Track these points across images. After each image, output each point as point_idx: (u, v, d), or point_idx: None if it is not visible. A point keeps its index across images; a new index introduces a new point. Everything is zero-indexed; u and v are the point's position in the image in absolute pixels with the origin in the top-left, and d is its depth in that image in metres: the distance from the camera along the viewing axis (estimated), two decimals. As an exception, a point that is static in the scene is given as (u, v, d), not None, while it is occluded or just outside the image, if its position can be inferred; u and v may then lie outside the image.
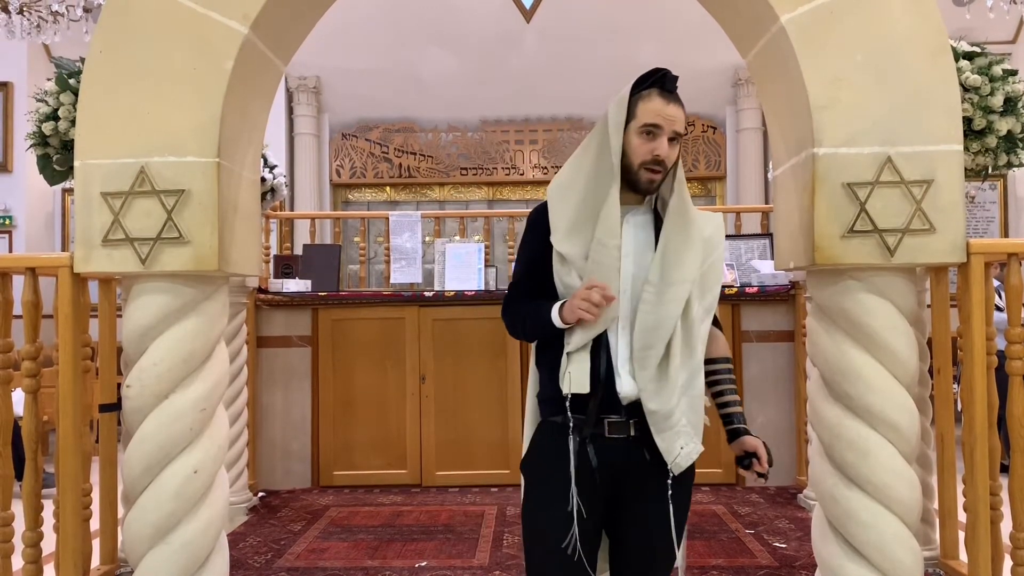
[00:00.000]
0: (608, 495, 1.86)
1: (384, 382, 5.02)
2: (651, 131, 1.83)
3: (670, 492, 1.82)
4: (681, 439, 1.82)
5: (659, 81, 1.87)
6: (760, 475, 1.90)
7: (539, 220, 1.94)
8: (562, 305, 1.81)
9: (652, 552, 1.86)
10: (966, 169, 3.11)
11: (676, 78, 1.89)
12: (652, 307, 1.81)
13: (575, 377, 1.81)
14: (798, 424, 4.74)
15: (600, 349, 1.83)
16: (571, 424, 1.82)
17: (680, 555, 1.92)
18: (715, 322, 1.98)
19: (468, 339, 5.00)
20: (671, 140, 1.84)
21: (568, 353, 1.83)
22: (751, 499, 4.57)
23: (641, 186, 1.87)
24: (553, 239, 1.88)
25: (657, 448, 1.81)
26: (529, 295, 1.92)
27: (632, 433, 1.83)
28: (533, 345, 2.02)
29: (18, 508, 2.51)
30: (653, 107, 1.84)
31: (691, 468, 1.89)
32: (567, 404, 1.81)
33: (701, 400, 1.91)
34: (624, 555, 1.90)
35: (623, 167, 1.85)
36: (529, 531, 1.89)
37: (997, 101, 3.10)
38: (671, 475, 1.82)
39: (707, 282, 1.91)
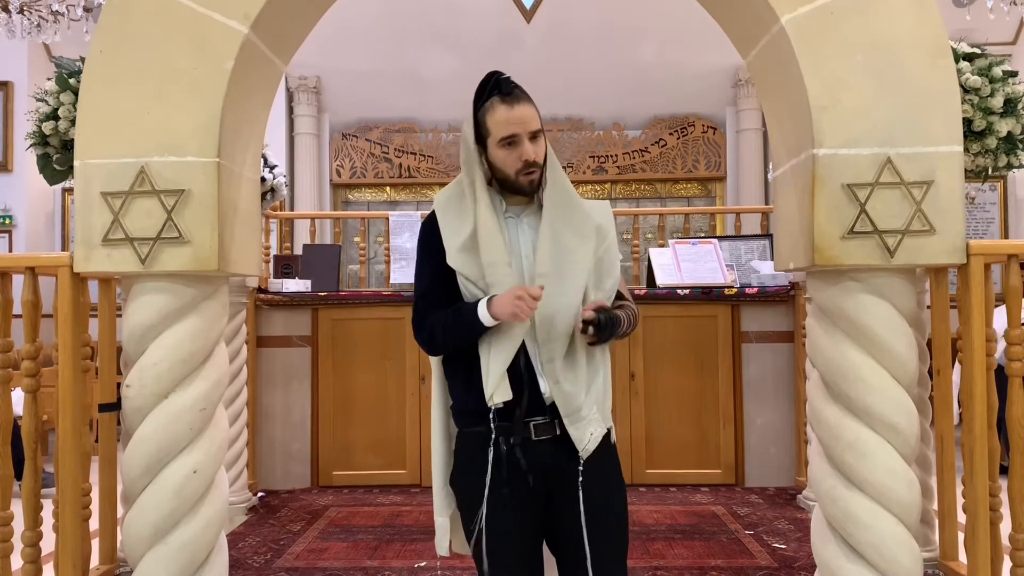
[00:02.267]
0: (544, 495, 1.88)
1: (384, 382, 5.02)
2: (510, 140, 1.84)
3: (581, 478, 1.84)
4: (591, 427, 1.86)
5: (494, 88, 1.88)
6: (593, 337, 1.81)
7: (431, 236, 1.96)
8: (488, 302, 1.80)
9: (595, 541, 1.86)
10: (966, 170, 3.11)
11: (509, 79, 1.90)
12: (550, 297, 1.82)
13: (500, 387, 1.82)
14: (797, 425, 4.74)
15: (518, 355, 1.85)
16: (494, 435, 1.83)
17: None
18: (619, 296, 1.99)
19: (468, 339, 4.99)
20: (533, 139, 1.85)
21: (494, 366, 1.83)
22: (750, 500, 4.57)
23: (525, 190, 1.89)
24: (448, 260, 1.90)
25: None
26: (442, 303, 1.92)
27: (557, 432, 1.86)
28: (436, 360, 2.02)
29: (17, 508, 2.51)
30: (500, 118, 1.85)
31: (612, 453, 1.93)
32: (491, 415, 1.83)
33: (608, 391, 1.93)
34: (566, 549, 1.90)
35: (500, 179, 1.89)
36: (475, 548, 1.89)
37: (997, 102, 3.10)
38: (581, 460, 1.85)
39: (603, 269, 1.94)
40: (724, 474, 4.90)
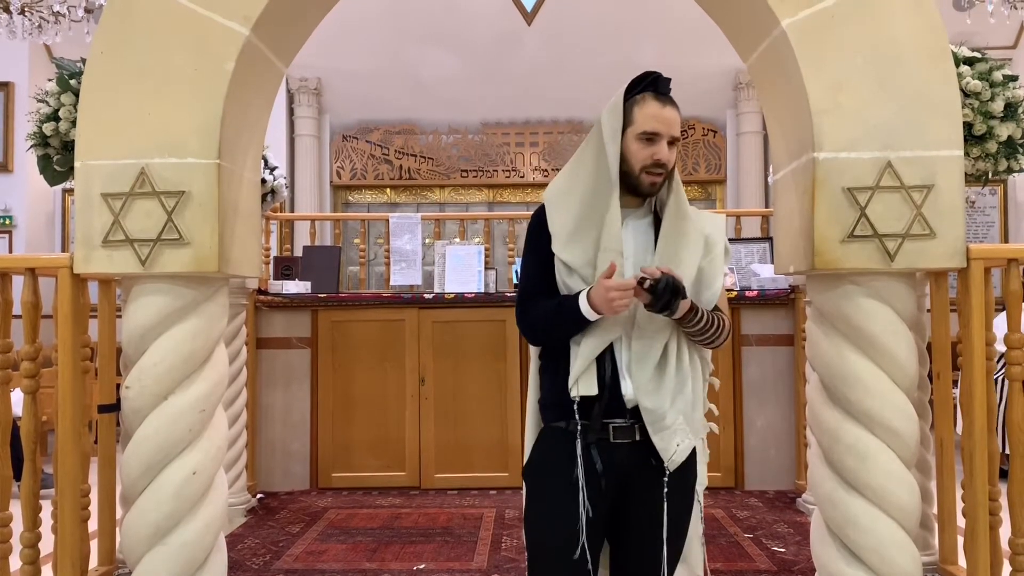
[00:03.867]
0: (613, 499, 1.86)
1: (383, 384, 5.01)
2: (651, 137, 1.83)
3: (666, 490, 1.83)
4: (677, 437, 1.83)
5: (652, 84, 1.88)
6: (648, 287, 1.76)
7: (540, 226, 1.94)
8: (587, 296, 1.78)
9: (655, 553, 1.86)
10: (966, 174, 3.11)
11: (669, 80, 1.89)
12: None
13: (583, 380, 1.81)
14: (797, 428, 4.74)
15: (605, 353, 1.83)
16: (578, 429, 1.82)
17: (701, 557, 1.94)
18: (716, 310, 1.97)
19: (468, 341, 5.00)
20: (670, 143, 1.85)
21: (581, 359, 1.82)
22: (750, 503, 4.57)
23: (643, 190, 1.87)
24: (554, 247, 1.88)
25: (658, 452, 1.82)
26: (542, 298, 1.91)
27: (637, 437, 1.84)
28: (535, 350, 2.02)
29: (16, 509, 2.50)
30: (650, 112, 1.84)
31: (692, 469, 1.91)
32: (575, 408, 1.82)
33: (699, 400, 1.92)
34: (628, 557, 1.90)
35: (622, 172, 1.86)
36: (534, 539, 1.88)
37: (997, 106, 3.10)
38: (667, 472, 1.83)
39: (704, 279, 1.92)
40: (724, 477, 4.90)
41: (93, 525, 2.73)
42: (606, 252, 1.82)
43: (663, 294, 1.73)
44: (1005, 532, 2.48)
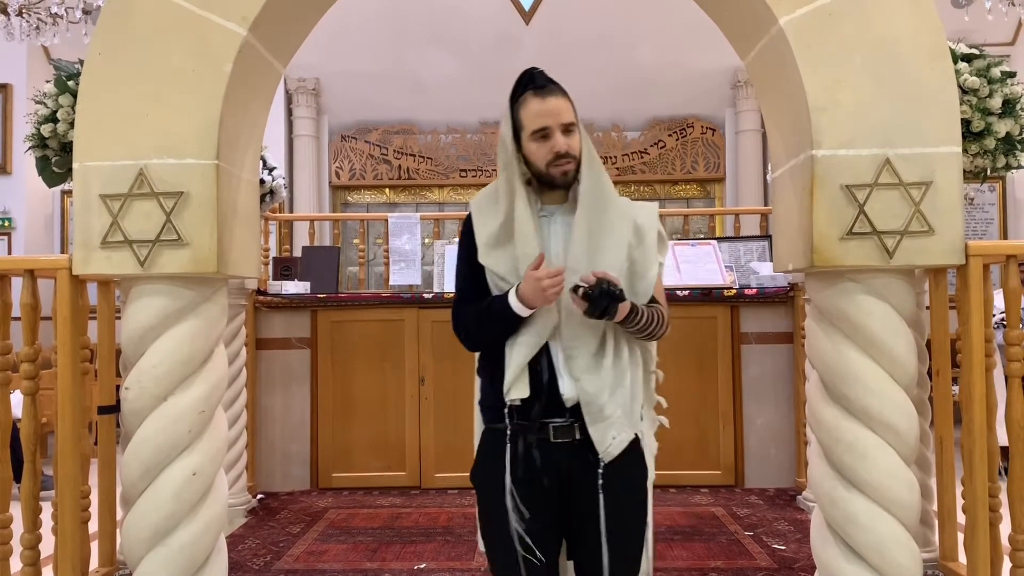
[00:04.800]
0: (560, 498, 1.87)
1: (383, 384, 5.01)
2: (542, 132, 1.85)
3: (600, 482, 1.83)
4: (613, 430, 1.84)
5: (529, 82, 1.90)
6: (583, 294, 1.74)
7: (467, 236, 1.97)
8: (516, 292, 1.79)
9: (609, 547, 1.85)
10: (965, 171, 3.11)
11: (543, 72, 1.91)
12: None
13: (516, 384, 1.82)
14: (797, 426, 4.74)
15: (541, 353, 1.84)
16: (509, 432, 1.84)
17: (647, 558, 1.93)
18: (653, 301, 1.96)
19: (467, 341, 4.99)
20: (566, 132, 1.85)
21: (512, 363, 1.83)
22: (750, 501, 4.57)
23: (558, 181, 1.87)
24: (480, 257, 1.91)
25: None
26: (474, 304, 1.93)
27: (577, 436, 1.84)
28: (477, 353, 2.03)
29: (17, 510, 2.51)
30: (532, 110, 1.86)
31: (640, 463, 1.93)
32: (506, 411, 1.83)
33: (640, 392, 1.92)
34: (582, 555, 1.90)
35: (534, 173, 1.88)
36: (488, 543, 1.91)
37: (996, 103, 3.10)
38: (601, 464, 1.83)
39: (637, 269, 1.92)
40: (724, 475, 4.90)
41: (93, 527, 2.73)
42: (526, 258, 1.83)
43: (600, 300, 1.73)
44: (1005, 528, 2.48)
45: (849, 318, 2.23)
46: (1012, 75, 3.19)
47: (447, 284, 5.25)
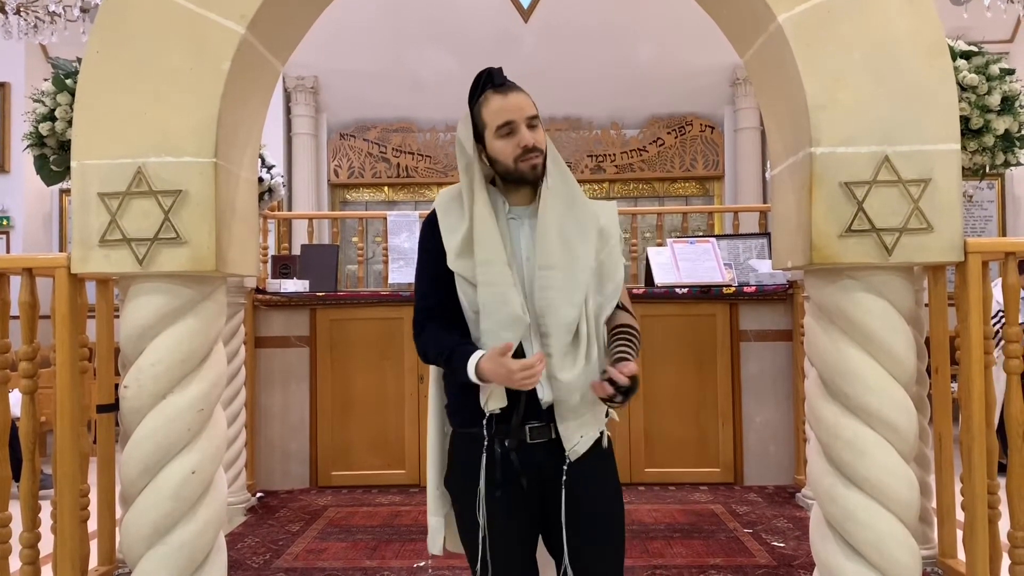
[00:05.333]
0: (536, 497, 1.87)
1: (382, 382, 5.01)
2: (508, 128, 1.83)
3: (564, 478, 1.82)
4: (583, 428, 1.84)
5: (487, 81, 1.89)
6: (613, 395, 1.75)
7: (432, 237, 1.93)
8: (477, 364, 1.76)
9: (594, 542, 1.86)
10: (963, 168, 3.11)
11: (500, 69, 1.90)
12: (552, 291, 1.81)
13: (494, 394, 1.81)
14: (796, 423, 4.74)
15: (516, 356, 1.81)
16: (486, 441, 1.83)
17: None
18: (621, 307, 1.95)
19: (466, 339, 4.99)
20: (530, 127, 1.84)
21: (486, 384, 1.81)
22: (749, 498, 4.57)
23: (528, 176, 1.85)
24: (449, 262, 1.87)
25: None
26: (440, 313, 1.91)
27: (553, 435, 1.84)
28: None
29: (16, 509, 2.50)
30: (495, 106, 1.85)
31: (610, 458, 1.92)
32: (484, 421, 1.82)
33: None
34: (554, 551, 1.90)
35: (502, 172, 1.87)
36: (470, 547, 1.89)
37: (994, 100, 3.10)
38: (567, 460, 1.83)
39: (605, 271, 1.91)
40: (723, 473, 4.90)
41: (92, 525, 2.73)
42: (486, 264, 1.81)
43: (630, 395, 1.76)
44: (1004, 525, 2.48)
45: (848, 315, 2.23)
46: (1011, 72, 3.19)
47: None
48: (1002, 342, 2.57)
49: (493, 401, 1.81)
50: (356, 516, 4.32)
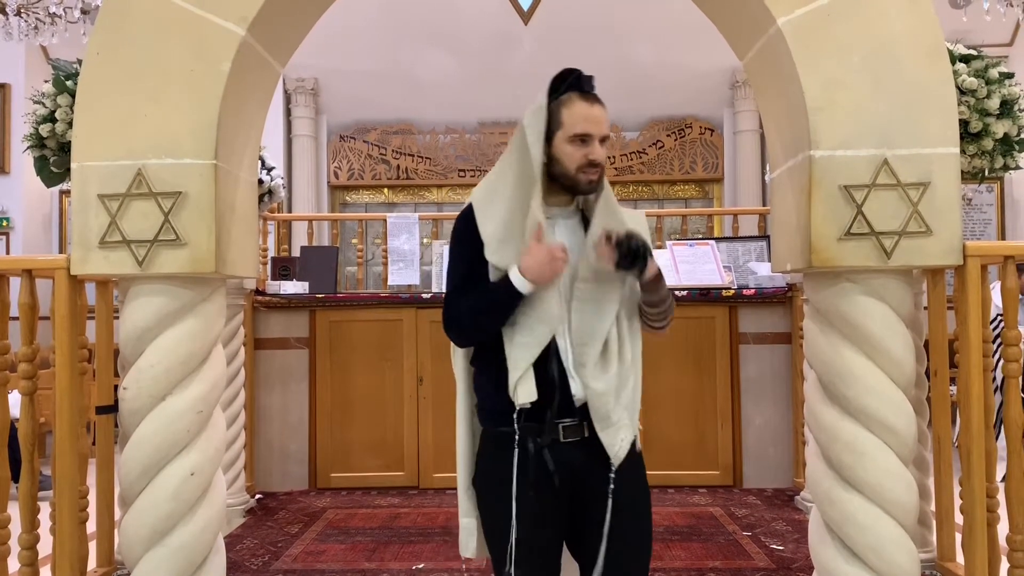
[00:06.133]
0: (567, 497, 1.86)
1: (382, 384, 5.01)
2: (583, 138, 1.83)
3: (611, 486, 1.82)
4: (621, 432, 1.84)
5: (576, 84, 1.87)
6: (618, 258, 1.75)
7: (468, 230, 1.91)
8: (517, 267, 1.77)
9: (619, 547, 1.85)
10: (963, 171, 3.11)
11: (592, 77, 1.89)
12: (589, 304, 1.82)
13: (523, 388, 1.80)
14: (795, 426, 4.74)
15: (550, 355, 1.82)
16: (518, 436, 1.82)
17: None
18: None
19: (466, 341, 4.99)
20: (601, 141, 1.85)
21: (515, 369, 1.81)
22: (748, 501, 4.57)
23: (582, 189, 1.86)
24: (487, 253, 1.86)
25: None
26: None
27: (586, 434, 1.84)
28: (459, 355, 2.00)
29: (15, 510, 2.50)
30: (579, 113, 1.84)
31: (638, 458, 1.91)
32: (515, 416, 1.81)
33: (636, 396, 1.91)
34: (588, 554, 1.88)
35: (557, 173, 1.86)
36: (495, 548, 1.88)
37: (993, 104, 3.10)
38: (613, 467, 1.83)
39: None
40: (722, 475, 4.90)
41: (91, 526, 2.73)
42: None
43: (633, 249, 1.73)
44: (1003, 529, 2.48)
45: (847, 318, 2.23)
46: (1010, 76, 3.19)
47: (445, 284, 5.24)
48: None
49: (523, 394, 1.80)
50: (355, 518, 4.32)
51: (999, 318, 4.42)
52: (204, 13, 2.32)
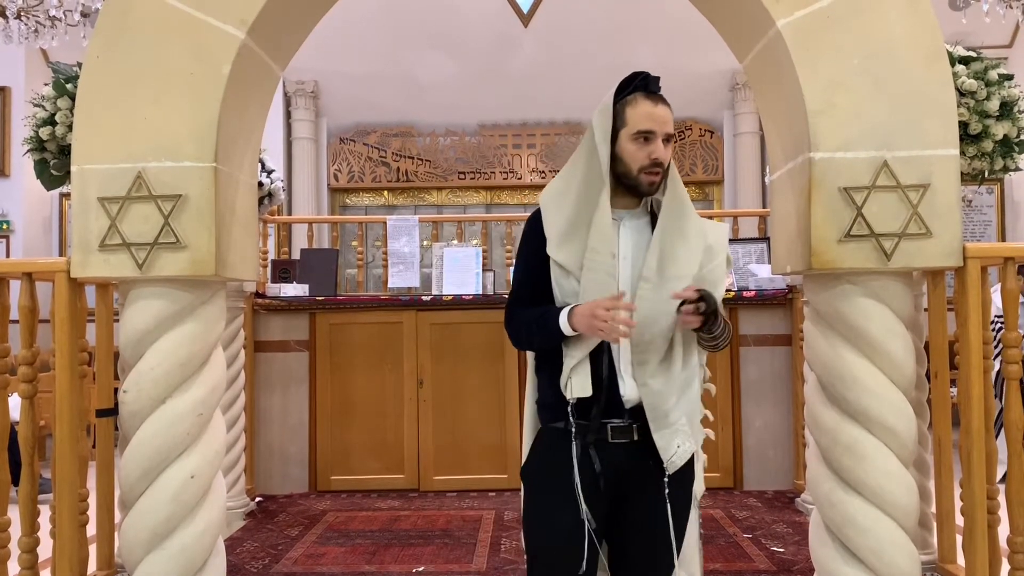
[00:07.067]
0: (611, 499, 1.86)
1: (382, 386, 5.01)
2: (646, 136, 1.83)
3: (667, 491, 1.83)
4: (678, 438, 1.84)
5: (642, 84, 1.88)
6: (700, 319, 1.78)
7: (534, 229, 1.94)
8: (570, 312, 1.79)
9: (653, 554, 1.86)
10: (962, 173, 3.11)
11: (658, 79, 1.90)
12: (650, 303, 1.82)
13: (578, 382, 1.81)
14: (796, 428, 4.74)
15: (602, 353, 1.83)
16: (573, 430, 1.82)
17: (698, 561, 1.93)
18: None
19: (466, 343, 5.00)
20: (665, 141, 1.85)
21: (569, 359, 1.82)
22: (749, 503, 4.57)
23: (643, 189, 1.87)
24: (548, 248, 1.88)
25: (658, 452, 1.82)
26: (530, 303, 1.92)
27: (635, 437, 1.84)
28: (531, 354, 2.02)
29: (15, 513, 2.50)
30: (643, 111, 1.84)
31: (690, 471, 1.91)
32: (569, 409, 1.81)
33: (698, 402, 1.92)
34: (625, 558, 1.89)
35: (620, 173, 1.86)
36: (533, 541, 1.88)
37: (993, 105, 3.10)
38: (667, 474, 1.83)
39: (707, 282, 1.91)
40: (722, 477, 4.90)
41: (91, 529, 2.72)
42: (594, 252, 1.82)
43: (712, 314, 1.76)
44: (1004, 531, 2.48)
45: (847, 320, 2.23)
46: (1009, 78, 3.19)
47: (445, 286, 5.25)
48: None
49: (576, 387, 1.80)
50: (355, 521, 4.32)
51: (998, 320, 4.42)
52: (204, 16, 2.32)
